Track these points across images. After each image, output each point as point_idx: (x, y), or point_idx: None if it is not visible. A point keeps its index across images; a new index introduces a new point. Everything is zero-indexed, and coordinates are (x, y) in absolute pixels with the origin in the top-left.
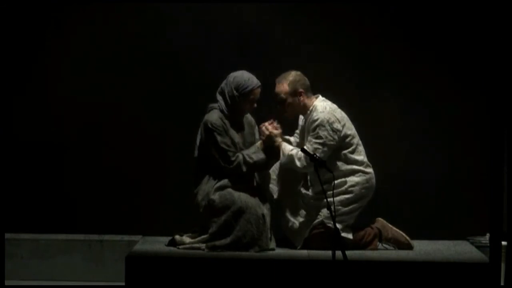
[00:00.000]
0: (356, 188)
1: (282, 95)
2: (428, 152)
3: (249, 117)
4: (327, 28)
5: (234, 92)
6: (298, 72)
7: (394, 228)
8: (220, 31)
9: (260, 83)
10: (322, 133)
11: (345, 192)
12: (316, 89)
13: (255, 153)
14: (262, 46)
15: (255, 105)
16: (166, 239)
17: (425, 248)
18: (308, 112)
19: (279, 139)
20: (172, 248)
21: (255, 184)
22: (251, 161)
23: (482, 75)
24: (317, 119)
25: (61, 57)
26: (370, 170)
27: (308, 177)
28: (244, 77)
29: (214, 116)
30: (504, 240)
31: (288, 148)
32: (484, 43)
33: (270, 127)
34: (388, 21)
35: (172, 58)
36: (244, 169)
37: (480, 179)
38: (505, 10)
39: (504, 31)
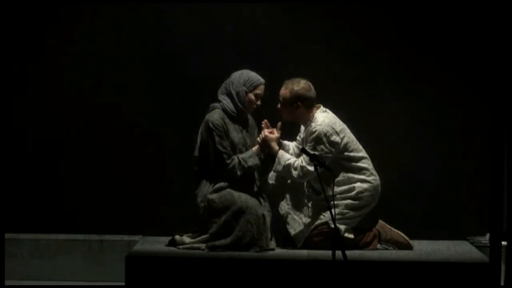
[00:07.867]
0: (364, 195)
1: (281, 99)
2: (428, 152)
3: (251, 119)
4: (327, 28)
5: (243, 87)
6: (307, 84)
7: (393, 229)
8: (220, 31)
9: (264, 81)
10: (319, 146)
11: (354, 198)
12: (315, 89)
13: (250, 157)
14: (262, 46)
15: (259, 102)
16: (166, 239)
17: (425, 248)
18: (308, 122)
19: (276, 146)
20: (172, 248)
21: (255, 189)
22: (245, 165)
23: (483, 75)
24: (315, 131)
25: (61, 56)
26: (377, 177)
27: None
28: (250, 73)
29: (215, 116)
30: (504, 240)
31: (286, 157)
32: (485, 43)
33: (267, 132)
34: (388, 21)
35: (172, 58)
36: (239, 173)
37: (480, 179)
38: (505, 10)
39: (504, 31)
